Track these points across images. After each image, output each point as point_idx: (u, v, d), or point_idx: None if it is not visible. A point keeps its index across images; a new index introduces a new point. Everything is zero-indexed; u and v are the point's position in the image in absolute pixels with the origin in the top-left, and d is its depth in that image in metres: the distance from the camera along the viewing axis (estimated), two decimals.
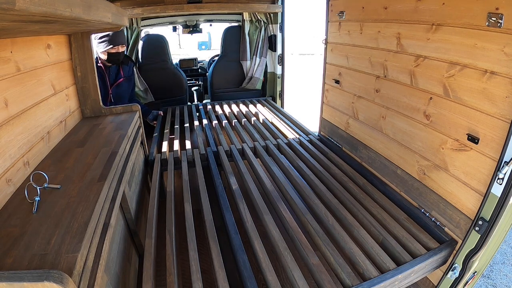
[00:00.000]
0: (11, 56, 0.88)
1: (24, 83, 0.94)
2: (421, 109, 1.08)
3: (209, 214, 1.10)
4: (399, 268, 0.88)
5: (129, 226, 1.14)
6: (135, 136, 1.37)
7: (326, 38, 1.71)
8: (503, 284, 1.47)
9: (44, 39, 1.09)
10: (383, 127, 1.30)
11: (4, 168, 0.78)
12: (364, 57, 1.39)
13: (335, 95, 1.69)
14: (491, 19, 0.79)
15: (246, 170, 1.39)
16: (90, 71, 1.37)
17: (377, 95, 1.32)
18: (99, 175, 0.89)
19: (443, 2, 0.94)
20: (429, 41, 1.01)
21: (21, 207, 0.74)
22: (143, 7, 1.99)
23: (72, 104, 1.32)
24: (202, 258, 0.99)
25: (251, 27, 2.49)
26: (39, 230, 0.66)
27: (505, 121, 0.79)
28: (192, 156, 1.57)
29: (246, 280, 0.86)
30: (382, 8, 1.23)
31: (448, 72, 0.95)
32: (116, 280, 0.86)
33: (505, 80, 0.78)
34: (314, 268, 0.88)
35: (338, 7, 1.55)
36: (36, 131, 0.97)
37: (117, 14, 1.15)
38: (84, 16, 0.73)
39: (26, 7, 0.45)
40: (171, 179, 1.35)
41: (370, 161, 1.40)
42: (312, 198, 1.19)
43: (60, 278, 0.49)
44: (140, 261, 1.19)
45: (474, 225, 0.87)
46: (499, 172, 0.79)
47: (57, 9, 0.57)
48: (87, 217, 0.70)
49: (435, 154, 1.03)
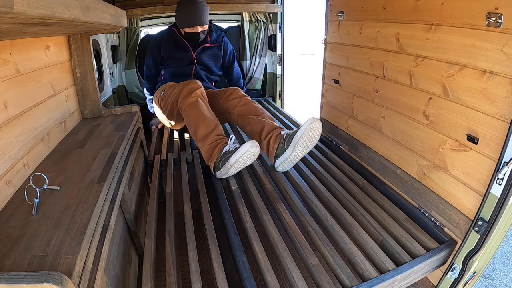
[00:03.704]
0: (11, 58, 0.88)
1: (24, 85, 0.94)
2: (420, 109, 1.08)
3: (208, 215, 1.10)
4: (398, 268, 0.88)
5: (128, 227, 1.14)
6: (135, 137, 1.38)
7: (326, 38, 1.71)
8: (503, 284, 1.47)
9: (43, 41, 1.10)
10: (383, 127, 1.30)
11: (4, 170, 0.78)
12: (363, 57, 1.38)
13: (335, 95, 1.69)
14: (491, 19, 0.79)
15: (245, 170, 1.39)
16: (90, 72, 1.37)
17: (377, 95, 1.32)
18: (98, 176, 0.89)
19: (442, 2, 0.94)
20: (428, 41, 1.01)
21: (21, 209, 0.74)
22: (143, 8, 1.99)
23: (71, 105, 1.32)
24: (202, 258, 0.99)
25: (250, 27, 2.49)
26: (38, 232, 0.66)
27: (504, 121, 0.79)
28: (191, 156, 1.57)
29: (245, 280, 0.86)
30: (381, 8, 1.22)
31: (448, 72, 0.95)
32: (116, 281, 0.86)
33: (504, 80, 0.78)
34: (314, 269, 0.88)
35: (338, 7, 1.55)
36: (36, 133, 0.98)
37: (116, 15, 1.15)
38: (82, 18, 0.73)
39: (24, 10, 0.45)
40: (171, 179, 1.35)
41: (370, 161, 1.40)
42: (312, 199, 1.19)
43: (60, 279, 0.50)
44: (139, 261, 1.19)
45: (474, 225, 0.87)
46: (499, 172, 0.79)
47: (55, 11, 0.57)
48: (86, 219, 0.70)
49: (434, 154, 1.03)
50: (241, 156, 1.22)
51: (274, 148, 1.33)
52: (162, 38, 1.91)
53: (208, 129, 1.37)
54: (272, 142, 1.34)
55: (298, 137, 1.24)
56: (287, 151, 1.28)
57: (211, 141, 1.34)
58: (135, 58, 2.28)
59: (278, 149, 1.31)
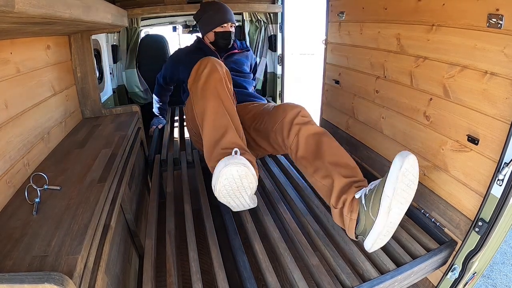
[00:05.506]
0: (11, 57, 0.88)
1: (24, 84, 0.94)
2: (421, 110, 1.08)
3: (209, 215, 1.10)
4: (399, 269, 0.88)
5: (129, 227, 1.14)
6: (135, 136, 1.37)
7: (326, 38, 1.71)
8: (503, 284, 1.47)
9: (43, 40, 1.09)
10: (383, 128, 1.30)
11: (4, 170, 0.78)
12: (364, 57, 1.38)
13: (335, 96, 1.69)
14: (491, 20, 0.79)
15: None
16: (90, 72, 1.37)
17: (377, 95, 1.32)
18: (99, 176, 0.89)
19: (443, 3, 0.94)
20: (429, 41, 1.01)
21: (21, 209, 0.74)
22: (143, 7, 1.99)
23: (72, 105, 1.32)
24: (202, 258, 0.99)
25: (251, 27, 2.49)
26: (39, 232, 0.66)
27: (505, 122, 0.79)
28: (191, 156, 1.57)
29: (245, 280, 0.86)
30: (382, 9, 1.22)
31: (448, 73, 0.95)
32: (116, 281, 0.86)
33: (505, 81, 0.78)
34: (314, 269, 0.88)
35: (338, 8, 1.55)
36: (36, 132, 0.97)
37: (117, 15, 1.15)
38: (83, 17, 0.73)
39: (25, 9, 0.45)
40: (171, 179, 1.35)
41: (370, 161, 1.40)
42: (312, 199, 1.19)
43: (61, 280, 0.50)
44: (140, 262, 1.19)
45: (474, 226, 0.87)
46: (499, 173, 0.79)
47: (57, 10, 0.57)
48: (87, 219, 0.70)
49: (435, 155, 1.03)
50: (218, 181, 0.82)
51: (352, 221, 0.84)
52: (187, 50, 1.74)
53: (215, 135, 0.95)
54: (347, 212, 0.85)
55: (390, 198, 0.75)
56: (376, 223, 0.78)
57: (213, 155, 0.94)
58: (135, 58, 2.28)
59: (361, 222, 0.82)
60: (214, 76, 1.03)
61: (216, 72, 1.04)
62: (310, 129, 1.03)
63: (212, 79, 1.03)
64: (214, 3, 1.61)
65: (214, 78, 1.03)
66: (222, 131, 0.95)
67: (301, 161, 1.02)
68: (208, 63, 1.06)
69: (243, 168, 0.81)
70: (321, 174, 0.94)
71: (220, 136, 0.94)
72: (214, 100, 0.99)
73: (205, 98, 1.00)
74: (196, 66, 1.09)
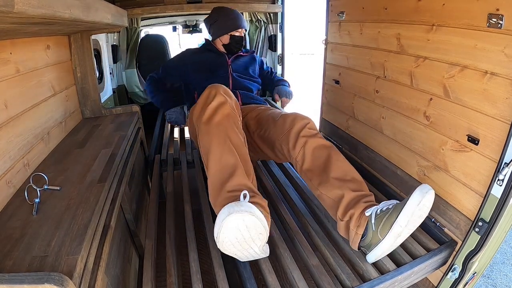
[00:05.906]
0: (11, 57, 0.88)
1: (24, 84, 0.94)
2: (421, 110, 1.08)
3: (209, 215, 1.10)
4: (399, 269, 0.88)
5: (129, 227, 1.14)
6: (135, 136, 1.37)
7: (326, 38, 1.71)
8: (503, 284, 1.47)
9: (43, 40, 1.09)
10: (383, 128, 1.30)
11: (4, 170, 0.78)
12: (364, 57, 1.38)
13: (335, 95, 1.69)
14: (492, 20, 0.79)
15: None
16: (90, 72, 1.37)
17: (377, 95, 1.32)
18: (99, 176, 0.89)
19: (443, 3, 0.94)
20: (429, 41, 1.01)
21: (21, 209, 0.74)
22: (143, 7, 1.99)
23: (72, 105, 1.32)
24: (202, 258, 0.99)
25: (251, 27, 2.49)
26: (39, 232, 0.66)
27: (505, 122, 0.79)
28: (191, 156, 1.57)
29: (246, 280, 0.86)
30: (382, 9, 1.22)
31: (448, 73, 0.95)
32: (116, 281, 0.86)
33: (505, 81, 0.78)
34: (314, 269, 0.88)
35: (338, 7, 1.55)
36: (36, 132, 0.97)
37: (117, 15, 1.15)
38: (83, 17, 0.73)
39: (24, 9, 0.45)
40: (171, 179, 1.35)
41: (370, 161, 1.40)
42: (312, 199, 1.18)
43: (61, 280, 0.50)
44: (140, 262, 1.19)
45: (474, 226, 0.87)
46: (499, 173, 0.79)
47: (56, 11, 0.57)
48: (87, 219, 0.70)
49: (435, 155, 1.03)
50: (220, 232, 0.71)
51: (358, 235, 0.85)
52: (195, 50, 1.73)
53: (221, 176, 0.87)
54: (354, 226, 0.86)
55: (402, 227, 0.77)
56: (383, 242, 0.80)
57: (219, 200, 0.85)
58: (135, 57, 2.28)
59: (367, 238, 0.84)
60: (222, 110, 0.96)
61: (224, 105, 0.97)
62: (316, 142, 1.02)
63: (219, 114, 0.96)
64: (228, 8, 1.64)
65: (222, 114, 0.96)
66: (229, 171, 0.87)
67: (306, 173, 1.01)
68: (216, 95, 0.98)
69: (250, 217, 0.71)
70: (327, 188, 0.93)
71: (227, 177, 0.86)
72: (220, 136, 0.92)
73: (210, 134, 0.93)
74: (204, 96, 1.00)
